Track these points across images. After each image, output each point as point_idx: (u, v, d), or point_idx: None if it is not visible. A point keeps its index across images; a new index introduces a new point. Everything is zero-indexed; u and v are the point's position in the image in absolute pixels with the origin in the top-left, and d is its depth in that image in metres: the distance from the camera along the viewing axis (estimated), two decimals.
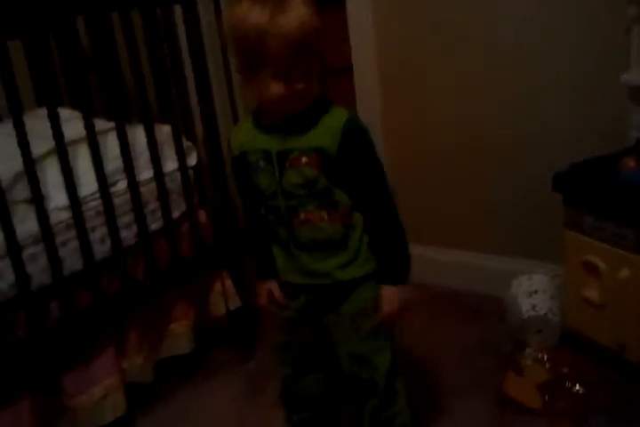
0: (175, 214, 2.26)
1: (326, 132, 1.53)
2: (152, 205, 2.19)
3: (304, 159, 1.53)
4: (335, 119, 1.54)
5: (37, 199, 1.85)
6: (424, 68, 2.61)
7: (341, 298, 1.67)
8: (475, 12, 2.43)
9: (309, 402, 1.90)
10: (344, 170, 1.55)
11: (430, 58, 2.58)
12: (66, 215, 1.96)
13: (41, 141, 1.93)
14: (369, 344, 1.71)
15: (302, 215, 1.58)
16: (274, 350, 1.88)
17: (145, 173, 2.19)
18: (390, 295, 1.66)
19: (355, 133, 1.55)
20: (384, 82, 2.72)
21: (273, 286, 1.76)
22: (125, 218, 2.11)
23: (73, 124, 2.00)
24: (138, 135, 2.16)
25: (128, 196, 2.11)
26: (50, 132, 1.89)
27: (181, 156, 2.26)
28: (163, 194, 2.20)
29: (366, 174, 1.59)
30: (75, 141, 2.02)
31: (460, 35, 2.48)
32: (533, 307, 2.22)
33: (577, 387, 2.01)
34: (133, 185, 2.11)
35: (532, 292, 2.28)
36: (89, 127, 1.98)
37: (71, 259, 1.96)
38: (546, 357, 2.11)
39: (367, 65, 2.70)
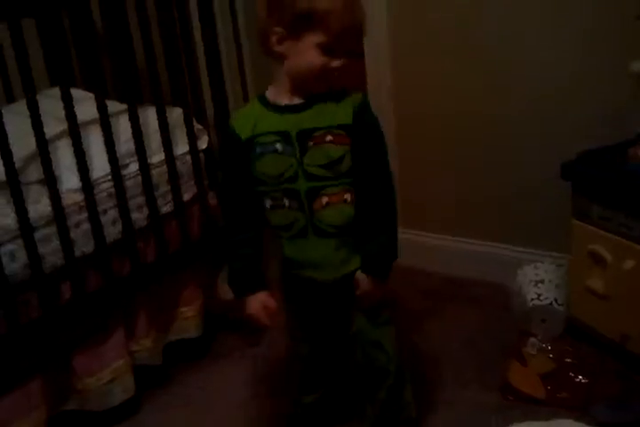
0: (186, 197, 2.26)
1: (348, 109, 1.54)
2: (163, 188, 2.20)
3: (329, 137, 1.53)
4: (353, 99, 1.57)
5: (50, 181, 1.85)
6: (434, 57, 2.61)
7: (352, 290, 1.67)
8: None
9: (323, 382, 1.90)
10: (357, 147, 1.56)
11: (440, 45, 2.57)
12: (78, 197, 1.96)
13: (53, 122, 1.92)
14: (383, 330, 1.74)
15: (325, 198, 1.56)
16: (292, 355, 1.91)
17: (156, 155, 2.18)
18: (367, 286, 1.65)
19: (366, 110, 1.58)
20: (395, 67, 2.71)
21: (267, 297, 1.66)
22: (136, 200, 2.11)
23: (85, 106, 1.99)
24: (149, 117, 2.16)
25: (139, 178, 2.11)
26: (62, 112, 1.88)
27: (192, 139, 2.26)
28: (173, 177, 2.20)
29: (377, 153, 1.60)
30: (87, 123, 2.01)
31: (468, 23, 2.47)
32: (538, 296, 2.23)
33: (580, 377, 2.02)
34: (145, 167, 2.11)
35: (537, 281, 2.28)
36: (101, 109, 1.97)
37: (83, 241, 1.96)
38: (550, 346, 2.12)
39: (379, 50, 2.69)
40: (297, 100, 1.55)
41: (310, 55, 1.46)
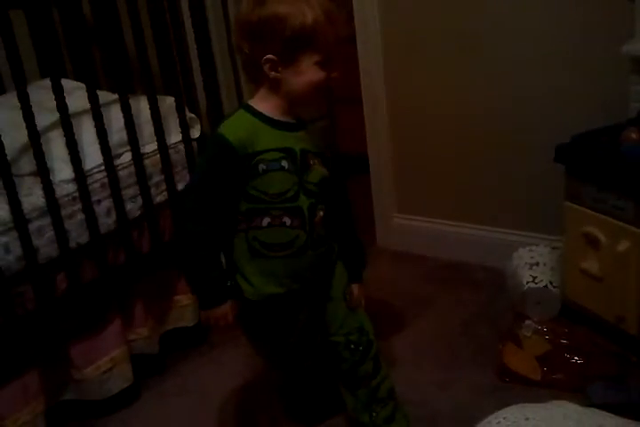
0: (180, 186, 2.25)
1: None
2: (156, 178, 2.20)
3: (318, 160, 1.59)
4: None
5: (43, 172, 1.85)
6: (425, 45, 2.60)
7: (329, 283, 1.73)
8: None
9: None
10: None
11: (432, 33, 2.56)
12: (71, 188, 1.96)
13: (45, 113, 1.92)
14: (359, 313, 1.77)
15: (320, 212, 1.60)
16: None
17: (149, 145, 2.19)
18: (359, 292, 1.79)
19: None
20: (387, 55, 2.71)
21: (230, 310, 1.59)
22: (130, 190, 2.11)
23: (77, 96, 1.98)
24: (141, 107, 2.15)
25: (132, 168, 2.11)
26: (54, 103, 1.87)
27: (185, 128, 2.26)
28: (167, 166, 2.20)
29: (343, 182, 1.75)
30: (79, 113, 2.01)
31: (463, 12, 2.47)
32: (534, 279, 2.23)
33: (575, 358, 2.04)
34: (138, 157, 2.11)
35: (532, 264, 2.29)
36: (93, 99, 1.96)
37: (77, 232, 1.96)
38: (545, 328, 2.13)
39: (372, 38, 2.69)
40: (290, 120, 1.56)
41: (311, 74, 1.46)
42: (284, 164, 1.51)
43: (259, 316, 1.67)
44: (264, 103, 1.53)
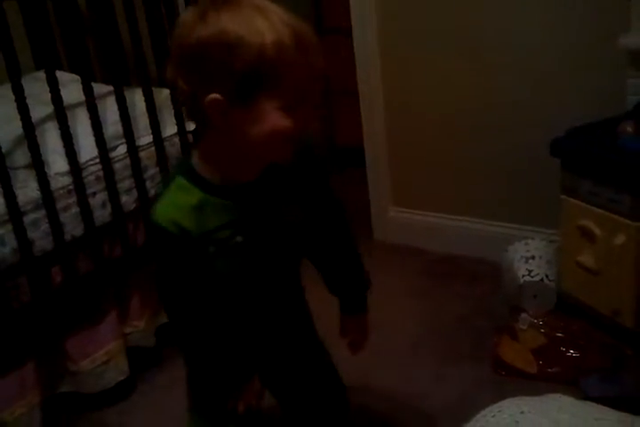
0: None
1: None
2: (152, 170, 2.19)
3: (287, 208, 1.33)
4: None
5: (38, 165, 1.84)
6: (422, 37, 2.59)
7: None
8: None
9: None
10: None
11: (429, 26, 2.55)
12: (66, 181, 1.96)
13: (39, 106, 1.92)
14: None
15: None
16: None
17: (144, 137, 2.18)
18: (365, 322, 1.54)
19: None
20: (384, 53, 2.70)
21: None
22: (125, 183, 2.11)
23: (71, 89, 1.98)
24: (137, 99, 2.15)
25: (128, 160, 2.11)
26: (48, 96, 1.87)
27: (180, 120, 2.24)
28: (162, 159, 2.19)
29: None
30: (73, 106, 2.01)
31: (457, 8, 2.46)
32: (530, 272, 2.24)
33: (571, 351, 2.04)
34: (133, 150, 2.10)
35: (528, 257, 2.29)
36: (88, 91, 1.96)
37: (72, 224, 1.96)
38: (541, 322, 2.14)
39: (367, 28, 2.68)
40: (249, 178, 1.21)
41: (271, 121, 1.07)
42: (239, 239, 1.21)
43: None
44: (209, 163, 1.17)
